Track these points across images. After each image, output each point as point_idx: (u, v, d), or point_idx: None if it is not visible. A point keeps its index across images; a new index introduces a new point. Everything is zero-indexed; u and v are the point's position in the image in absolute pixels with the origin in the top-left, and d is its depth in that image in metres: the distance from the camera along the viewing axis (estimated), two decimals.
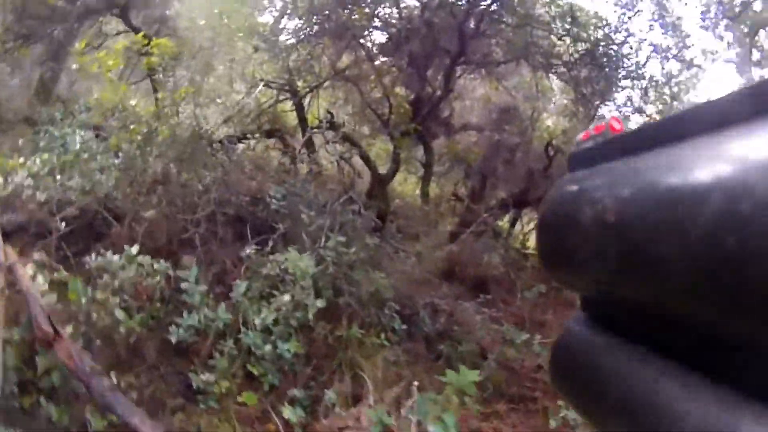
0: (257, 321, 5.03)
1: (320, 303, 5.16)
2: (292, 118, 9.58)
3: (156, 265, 5.17)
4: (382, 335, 5.94)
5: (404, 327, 6.32)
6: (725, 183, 0.45)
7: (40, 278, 4.89)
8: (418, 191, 10.61)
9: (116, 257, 5.06)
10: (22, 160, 6.17)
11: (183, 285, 5.11)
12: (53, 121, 8.43)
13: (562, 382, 0.68)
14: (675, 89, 9.49)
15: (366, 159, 8.61)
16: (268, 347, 4.98)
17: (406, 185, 11.85)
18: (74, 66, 7.01)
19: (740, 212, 0.43)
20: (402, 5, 8.71)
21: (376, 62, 9.06)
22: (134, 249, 5.21)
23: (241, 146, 8.75)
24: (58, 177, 6.19)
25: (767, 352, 0.46)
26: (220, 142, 7.76)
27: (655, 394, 0.54)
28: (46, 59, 11.10)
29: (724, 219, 0.45)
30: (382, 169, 9.02)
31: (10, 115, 10.31)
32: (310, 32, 8.66)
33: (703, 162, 0.50)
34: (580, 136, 0.72)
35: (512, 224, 11.03)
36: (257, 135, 9.11)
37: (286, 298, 5.13)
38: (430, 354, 6.73)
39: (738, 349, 0.49)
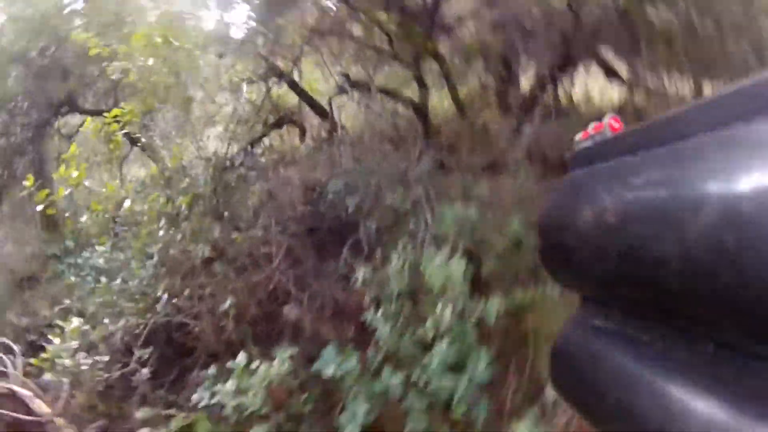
0: (435, 360, 3.28)
1: (494, 304, 3.40)
2: (291, 97, 7.64)
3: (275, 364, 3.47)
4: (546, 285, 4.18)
5: None
6: (725, 183, 0.44)
7: None
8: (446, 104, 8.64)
9: (229, 386, 3.39)
10: (57, 342, 4.50)
11: (326, 372, 3.39)
12: (68, 251, 7.01)
13: (562, 383, 0.63)
14: None
15: (411, 102, 6.67)
16: (463, 379, 3.27)
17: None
18: (38, 208, 5.29)
19: (740, 212, 0.42)
20: None
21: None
22: (241, 358, 3.52)
23: (259, 151, 7.00)
24: (106, 321, 4.47)
25: (766, 352, 0.44)
26: (242, 164, 5.89)
27: (655, 394, 0.51)
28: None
29: (724, 219, 0.43)
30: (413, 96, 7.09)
31: (36, 266, 8.92)
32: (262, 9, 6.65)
33: (702, 162, 0.47)
34: (579, 135, 0.67)
35: (555, 95, 8.85)
36: (270, 132, 7.29)
37: (447, 313, 3.36)
38: None
39: (738, 348, 0.47)
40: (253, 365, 3.53)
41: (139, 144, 8.18)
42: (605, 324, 0.66)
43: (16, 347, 6.14)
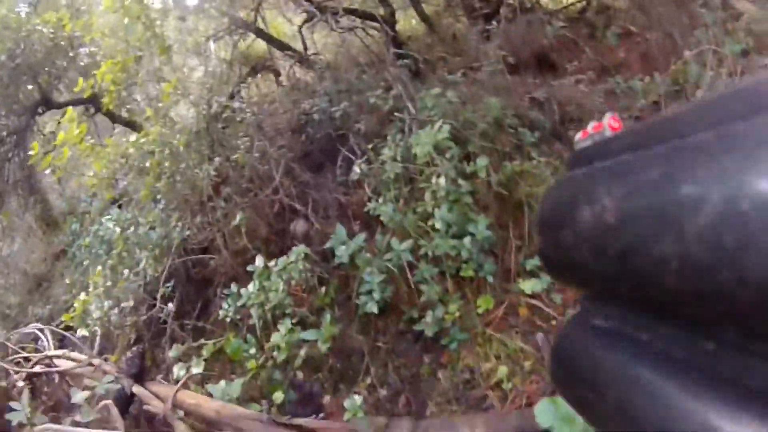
0: (438, 224, 3.49)
1: (482, 161, 3.60)
2: (260, 44, 7.69)
3: (291, 259, 3.69)
4: (533, 160, 4.36)
5: (536, 133, 4.73)
6: (724, 182, 0.42)
7: (194, 368, 3.81)
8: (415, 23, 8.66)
9: (251, 287, 3.63)
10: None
11: (338, 253, 3.62)
12: (76, 234, 7.10)
13: (562, 382, 0.58)
14: None
15: (379, 18, 6.69)
16: (466, 240, 3.49)
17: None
18: (47, 171, 5.38)
19: (739, 211, 0.40)
20: None
21: None
22: (259, 261, 3.74)
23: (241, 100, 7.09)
24: (125, 272, 4.67)
25: (766, 351, 0.44)
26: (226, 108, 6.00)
27: (655, 394, 0.50)
28: (26, 196, 9.69)
29: (723, 218, 0.42)
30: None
31: (47, 266, 9.00)
32: None
33: (702, 160, 0.45)
34: (579, 135, 0.57)
35: None
36: (246, 80, 7.41)
37: (441, 181, 3.56)
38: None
39: (738, 348, 0.46)
40: (271, 263, 3.75)
41: (119, 118, 8.26)
42: (605, 324, 0.64)
43: (45, 327, 6.36)
